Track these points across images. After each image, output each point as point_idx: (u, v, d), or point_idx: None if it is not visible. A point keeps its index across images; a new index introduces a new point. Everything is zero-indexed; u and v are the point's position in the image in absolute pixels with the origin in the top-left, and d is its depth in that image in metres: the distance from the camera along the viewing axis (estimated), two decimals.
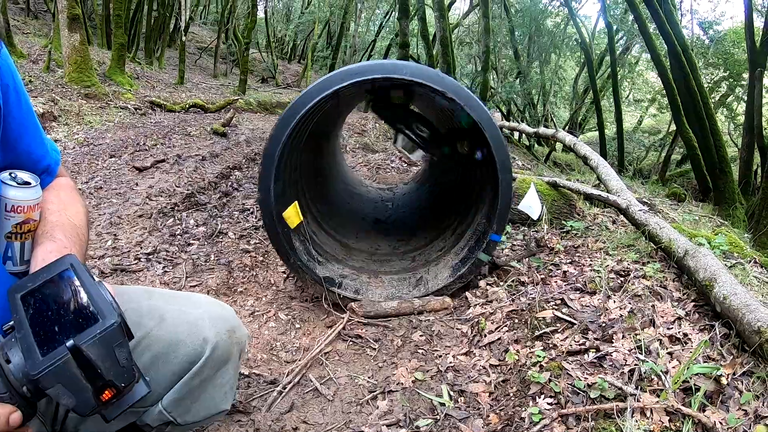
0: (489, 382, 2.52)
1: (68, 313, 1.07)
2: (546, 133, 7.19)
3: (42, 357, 0.98)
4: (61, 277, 1.13)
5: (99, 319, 1.03)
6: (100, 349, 1.00)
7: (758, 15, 12.13)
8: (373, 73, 3.07)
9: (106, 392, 1.02)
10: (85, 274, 1.13)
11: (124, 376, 1.04)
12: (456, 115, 3.87)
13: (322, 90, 3.04)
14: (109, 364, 1.01)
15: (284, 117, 3.08)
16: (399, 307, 3.30)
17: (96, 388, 1.01)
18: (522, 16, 20.09)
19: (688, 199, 7.35)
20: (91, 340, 1.00)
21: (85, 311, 1.06)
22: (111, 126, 8.11)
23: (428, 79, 3.07)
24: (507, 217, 3.35)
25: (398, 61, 3.84)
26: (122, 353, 1.04)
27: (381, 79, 3.10)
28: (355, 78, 3.03)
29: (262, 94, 15.24)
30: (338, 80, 3.04)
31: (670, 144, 16.45)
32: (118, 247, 4.06)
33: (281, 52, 30.59)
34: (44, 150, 1.48)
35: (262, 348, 2.99)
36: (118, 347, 1.03)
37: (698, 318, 2.45)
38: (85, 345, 0.99)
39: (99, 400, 1.02)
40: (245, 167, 6.50)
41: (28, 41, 12.46)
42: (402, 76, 3.06)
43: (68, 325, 1.04)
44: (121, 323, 1.04)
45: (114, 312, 1.05)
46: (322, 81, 3.08)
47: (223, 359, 1.47)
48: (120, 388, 1.04)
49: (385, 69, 3.12)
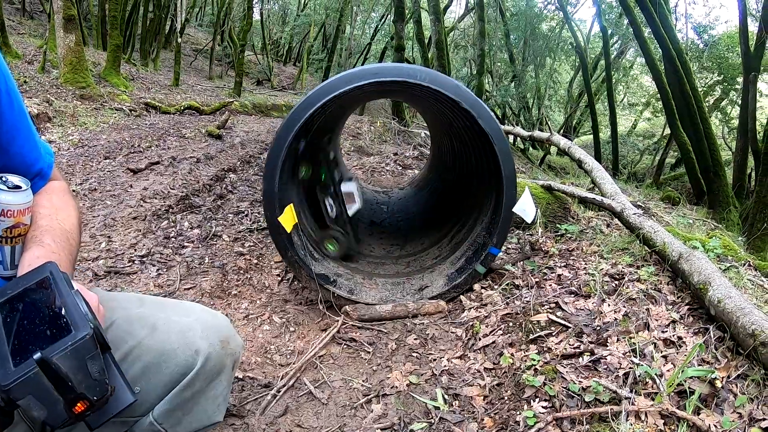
0: (483, 385, 2.51)
1: (43, 323, 1.06)
2: (541, 137, 7.20)
3: (14, 367, 0.97)
4: (40, 285, 1.12)
5: (72, 330, 1.02)
6: (72, 361, 0.99)
7: (752, 19, 12.21)
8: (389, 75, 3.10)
9: (78, 405, 1.01)
10: (62, 283, 1.12)
11: (96, 389, 1.03)
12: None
13: (350, 82, 3.06)
14: (81, 376, 1.00)
15: (300, 106, 3.10)
16: (393, 311, 3.30)
17: (68, 400, 1.00)
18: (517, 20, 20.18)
19: (682, 202, 7.37)
20: (62, 352, 0.99)
21: (60, 322, 1.05)
22: (106, 127, 8.08)
23: (444, 87, 3.11)
24: (508, 231, 3.35)
25: (416, 65, 3.84)
26: (95, 366, 1.03)
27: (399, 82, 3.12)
28: (377, 78, 3.07)
29: (258, 97, 15.24)
30: (366, 76, 3.07)
31: (665, 147, 16.53)
32: (112, 249, 4.04)
33: (277, 54, 30.61)
34: (37, 153, 1.47)
35: (256, 351, 2.98)
36: (90, 359, 1.02)
37: (693, 321, 2.45)
38: (56, 357, 0.98)
39: (71, 412, 1.01)
40: (240, 170, 6.48)
41: (23, 42, 12.42)
42: (418, 81, 3.08)
43: (42, 335, 1.03)
44: (93, 335, 1.03)
45: (87, 324, 1.04)
46: (347, 74, 3.12)
47: (216, 371, 1.43)
48: (92, 401, 1.02)
49: (402, 73, 3.14)
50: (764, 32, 9.46)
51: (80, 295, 1.11)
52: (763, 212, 7.50)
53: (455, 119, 3.87)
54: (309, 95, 3.09)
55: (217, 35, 20.66)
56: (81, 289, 1.17)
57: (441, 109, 3.90)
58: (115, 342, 1.35)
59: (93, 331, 1.03)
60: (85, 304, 1.09)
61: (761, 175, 7.95)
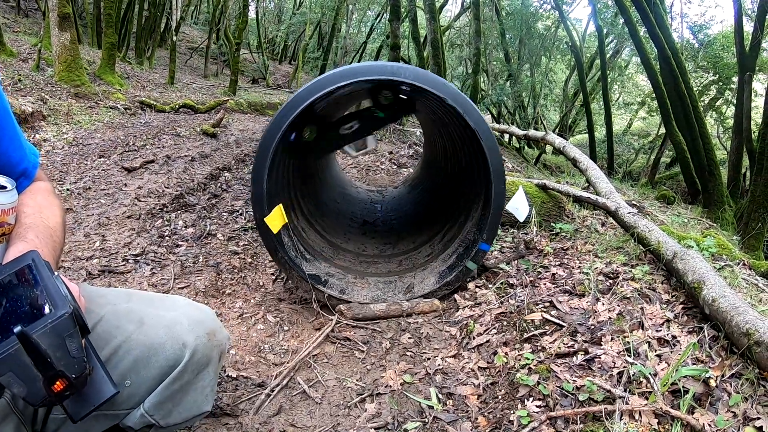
0: (477, 384, 2.51)
1: (25, 305, 1.09)
2: (536, 136, 7.20)
3: None
4: (22, 271, 1.16)
5: (52, 309, 1.05)
6: (51, 338, 1.02)
7: (748, 19, 12.22)
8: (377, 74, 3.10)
9: (57, 383, 1.04)
10: (44, 268, 1.16)
11: (74, 366, 1.06)
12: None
13: (334, 82, 3.05)
14: (60, 354, 1.03)
15: (282, 112, 3.09)
16: (388, 310, 3.29)
17: (47, 377, 1.03)
18: (513, 19, 20.17)
19: (677, 201, 7.39)
20: (42, 329, 1.02)
21: (40, 303, 1.08)
22: (100, 126, 8.04)
23: (427, 83, 3.09)
24: (498, 227, 3.34)
25: (401, 64, 3.80)
26: (73, 344, 1.06)
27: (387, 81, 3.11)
28: (360, 77, 3.06)
29: (253, 95, 15.21)
30: (348, 76, 3.06)
31: (660, 147, 16.55)
32: (106, 248, 4.02)
33: (272, 53, 30.52)
34: (22, 153, 1.49)
35: (250, 350, 2.97)
36: (69, 338, 1.05)
37: (687, 320, 2.45)
38: (36, 334, 1.01)
39: (51, 390, 1.04)
40: (235, 168, 6.47)
41: (18, 40, 12.36)
42: (403, 79, 3.07)
43: (23, 315, 1.06)
44: (72, 314, 1.06)
45: (67, 303, 1.07)
46: (331, 74, 3.10)
47: (203, 363, 1.48)
48: (71, 380, 1.05)
49: (386, 71, 3.12)
50: (759, 32, 9.48)
51: (60, 279, 1.15)
52: (757, 211, 7.52)
53: (444, 117, 3.87)
54: (294, 96, 3.09)
55: (212, 33, 20.59)
56: (63, 279, 1.19)
57: (431, 106, 3.89)
58: (105, 337, 1.40)
59: (72, 310, 1.07)
60: (65, 287, 1.13)
61: (756, 175, 7.98)
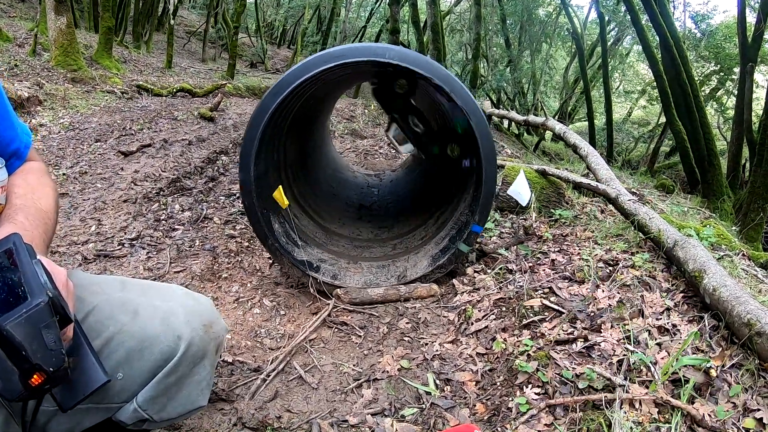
0: (476, 370, 2.49)
1: (2, 292, 1.03)
2: (536, 122, 7.17)
3: None
4: (2, 255, 1.10)
5: (28, 298, 0.99)
6: (26, 329, 0.97)
7: (751, 10, 12.16)
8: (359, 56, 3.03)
9: (35, 376, 0.98)
10: (24, 252, 1.09)
11: (52, 359, 0.99)
12: (451, 117, 3.83)
13: (317, 65, 3.00)
14: (36, 346, 0.97)
15: (266, 98, 3.06)
16: (385, 294, 3.26)
17: (23, 371, 0.97)
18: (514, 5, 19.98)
19: (676, 190, 7.37)
20: (16, 319, 0.96)
21: (17, 290, 1.02)
22: (97, 110, 7.98)
23: (415, 64, 3.03)
24: (490, 208, 3.30)
25: (387, 44, 3.80)
26: (50, 335, 1.00)
27: (365, 62, 3.05)
28: (344, 60, 2.99)
29: (251, 79, 15.09)
30: (332, 59, 3.00)
31: (660, 136, 16.54)
32: (102, 233, 3.99)
33: (271, 37, 30.33)
34: (13, 133, 1.44)
35: (246, 335, 2.95)
36: (45, 328, 0.99)
37: (687, 309, 2.44)
38: (10, 324, 0.95)
39: (28, 384, 0.98)
40: (232, 152, 6.42)
41: (14, 24, 12.23)
42: (387, 59, 3.01)
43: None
44: (48, 303, 1.00)
45: (43, 291, 1.01)
46: (317, 57, 3.05)
47: (199, 356, 1.42)
48: (49, 373, 0.99)
49: (370, 52, 3.07)
50: (762, 23, 9.42)
51: (41, 265, 1.08)
52: (756, 202, 7.52)
53: (435, 97, 3.82)
54: (280, 80, 3.05)
55: (210, 17, 20.45)
56: (48, 262, 1.14)
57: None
58: (97, 327, 1.33)
59: (49, 299, 1.00)
60: (45, 274, 1.06)
61: (756, 166, 7.97)
